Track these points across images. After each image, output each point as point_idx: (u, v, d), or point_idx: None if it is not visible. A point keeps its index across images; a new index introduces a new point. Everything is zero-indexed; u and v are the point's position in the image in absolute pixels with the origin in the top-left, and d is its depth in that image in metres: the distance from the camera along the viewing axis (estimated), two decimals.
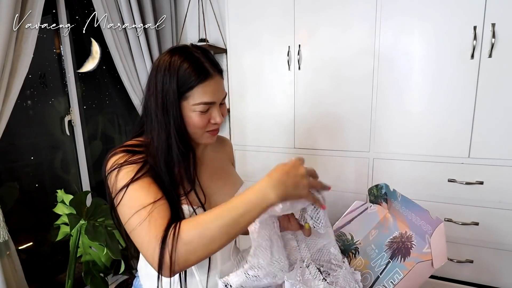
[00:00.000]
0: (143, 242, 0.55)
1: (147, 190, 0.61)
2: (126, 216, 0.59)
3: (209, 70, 0.65)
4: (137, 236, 0.57)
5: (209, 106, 0.67)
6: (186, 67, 0.64)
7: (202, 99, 0.65)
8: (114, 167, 0.62)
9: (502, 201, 1.15)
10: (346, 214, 0.86)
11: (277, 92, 1.53)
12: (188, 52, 0.66)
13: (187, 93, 0.64)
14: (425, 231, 0.63)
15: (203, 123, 0.67)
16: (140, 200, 0.59)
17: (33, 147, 1.60)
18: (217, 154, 0.85)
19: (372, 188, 0.85)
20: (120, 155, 0.64)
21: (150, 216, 0.56)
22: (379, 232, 0.76)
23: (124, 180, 0.61)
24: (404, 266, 0.63)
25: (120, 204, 0.60)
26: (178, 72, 0.63)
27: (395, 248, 0.69)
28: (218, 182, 0.79)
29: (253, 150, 1.62)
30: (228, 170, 0.87)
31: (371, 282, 0.67)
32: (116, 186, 0.61)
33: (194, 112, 0.66)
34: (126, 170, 0.62)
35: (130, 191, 0.60)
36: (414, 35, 1.22)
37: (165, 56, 0.66)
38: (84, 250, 1.27)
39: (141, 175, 0.62)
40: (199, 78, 0.64)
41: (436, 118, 1.22)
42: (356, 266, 0.73)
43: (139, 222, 0.56)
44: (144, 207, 0.57)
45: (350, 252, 0.78)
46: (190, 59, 0.65)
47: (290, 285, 0.59)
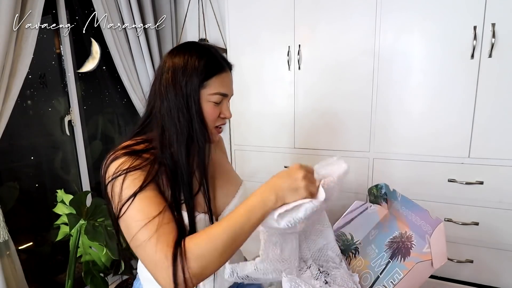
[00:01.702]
0: (151, 261, 0.54)
1: (154, 201, 0.58)
2: (132, 230, 0.56)
3: (225, 64, 0.70)
4: (144, 253, 0.55)
5: (222, 98, 0.68)
6: (208, 56, 0.67)
7: (219, 89, 0.67)
8: (118, 174, 0.58)
9: (502, 201, 1.15)
10: (346, 214, 0.86)
11: (277, 92, 1.53)
12: (204, 45, 0.71)
13: (207, 81, 0.65)
14: (425, 231, 0.63)
15: (215, 116, 0.68)
16: (148, 212, 0.56)
17: (33, 147, 1.60)
18: (215, 154, 0.85)
19: (372, 188, 0.85)
20: (123, 159, 0.60)
21: (158, 233, 0.54)
22: (379, 232, 0.76)
23: (131, 189, 0.57)
24: (404, 266, 0.63)
25: (126, 215, 0.57)
26: (199, 60, 0.65)
27: (395, 248, 0.68)
28: (218, 182, 0.79)
29: (253, 150, 1.62)
30: (227, 168, 0.87)
31: (371, 282, 0.66)
32: (122, 196, 0.58)
33: (209, 102, 0.67)
34: (132, 177, 0.59)
35: (137, 202, 0.57)
36: (414, 35, 1.22)
37: (182, 48, 0.68)
38: (84, 250, 1.27)
39: (149, 182, 0.59)
40: (219, 68, 0.67)
41: (436, 118, 1.22)
42: (356, 266, 0.73)
43: (145, 238, 0.54)
44: (150, 221, 0.55)
45: (350, 252, 0.78)
46: (209, 50, 0.69)
47: (288, 280, 0.59)
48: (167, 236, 0.55)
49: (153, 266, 0.54)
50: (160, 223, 0.56)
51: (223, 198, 0.77)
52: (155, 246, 0.53)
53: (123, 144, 0.66)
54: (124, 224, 0.59)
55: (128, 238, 0.58)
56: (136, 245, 0.56)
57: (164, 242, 0.54)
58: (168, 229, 0.56)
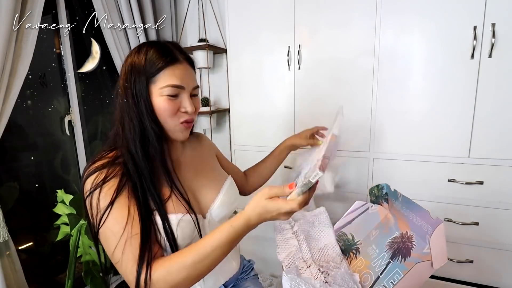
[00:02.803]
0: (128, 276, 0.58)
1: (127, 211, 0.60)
2: (110, 244, 0.59)
3: (177, 56, 0.67)
4: (120, 271, 0.59)
5: (177, 91, 0.67)
6: (154, 51, 0.66)
7: (169, 81, 0.65)
8: (94, 188, 0.60)
9: (502, 201, 1.15)
10: (347, 214, 0.86)
11: (277, 92, 1.53)
12: (156, 41, 0.70)
13: (155, 77, 0.65)
14: (426, 232, 0.63)
15: (172, 110, 0.67)
16: (124, 222, 0.59)
17: (33, 147, 1.60)
18: (196, 153, 0.85)
19: (373, 188, 0.84)
20: (96, 174, 0.62)
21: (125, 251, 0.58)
22: (380, 232, 0.76)
23: (107, 199, 0.60)
24: (404, 267, 0.63)
25: (104, 226, 0.59)
26: (146, 56, 0.65)
27: (395, 248, 0.68)
28: (202, 180, 0.78)
29: (253, 150, 1.62)
30: (212, 165, 0.86)
31: (372, 282, 0.66)
32: (100, 206, 0.60)
33: (162, 96, 0.66)
34: (106, 188, 0.61)
35: (114, 210, 0.59)
36: (414, 35, 1.22)
37: (134, 49, 0.69)
38: (84, 250, 1.27)
39: (122, 187, 0.62)
40: (166, 61, 0.65)
41: (436, 118, 1.22)
42: (357, 266, 0.73)
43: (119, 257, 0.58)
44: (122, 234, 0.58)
45: (351, 252, 0.77)
46: (157, 45, 0.68)
47: (289, 279, 0.59)
48: (133, 252, 0.57)
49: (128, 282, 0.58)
50: (129, 235, 0.58)
51: (208, 195, 0.77)
52: (125, 267, 0.58)
53: (97, 156, 0.66)
54: (103, 237, 0.60)
55: (108, 253, 0.61)
56: (114, 262, 0.59)
57: (130, 260, 0.57)
58: (135, 243, 0.58)
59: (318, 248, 0.73)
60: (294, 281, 0.59)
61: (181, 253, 0.57)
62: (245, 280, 0.91)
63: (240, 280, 0.90)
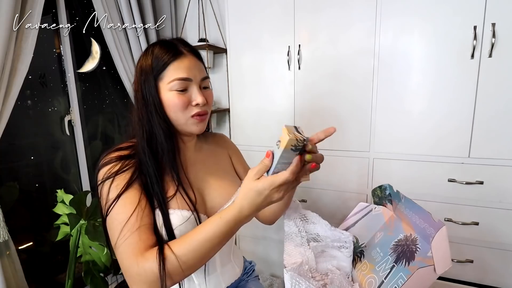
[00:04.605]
0: (124, 264, 0.57)
1: (134, 201, 0.61)
2: (113, 233, 0.60)
3: (182, 49, 0.68)
4: (120, 254, 0.58)
5: (185, 84, 0.67)
6: (158, 49, 0.67)
7: (176, 75, 0.66)
8: (107, 177, 0.63)
9: (502, 201, 1.15)
10: (350, 217, 0.84)
11: (277, 92, 1.53)
12: (161, 40, 0.72)
13: (162, 73, 0.66)
14: (429, 234, 0.61)
15: (182, 104, 0.66)
16: (128, 212, 0.59)
17: (33, 147, 1.60)
18: (212, 153, 0.83)
19: (376, 189, 0.83)
20: (113, 164, 0.64)
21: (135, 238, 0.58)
22: (384, 235, 0.74)
23: (117, 190, 0.61)
24: (408, 271, 0.60)
25: (110, 215, 0.61)
26: (152, 56, 0.67)
27: (400, 251, 0.66)
28: (214, 183, 0.77)
29: (253, 150, 1.62)
30: (225, 168, 0.84)
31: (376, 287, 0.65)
32: (108, 197, 0.61)
33: (171, 91, 0.66)
34: (118, 180, 0.62)
35: (120, 201, 0.60)
36: (414, 35, 1.22)
37: (142, 52, 0.71)
38: (84, 250, 1.27)
39: (133, 181, 0.63)
40: (171, 56, 0.66)
41: (436, 118, 1.22)
42: (361, 270, 0.71)
43: (124, 241, 0.58)
44: (125, 225, 0.58)
45: (356, 255, 0.75)
46: (161, 43, 0.69)
47: (290, 277, 0.59)
48: (145, 242, 0.58)
49: (126, 268, 0.57)
50: (135, 226, 0.59)
51: (217, 199, 0.75)
52: (131, 251, 0.57)
53: (115, 147, 0.68)
54: (108, 224, 0.62)
55: (112, 241, 0.61)
56: (115, 249, 0.60)
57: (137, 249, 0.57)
58: (145, 235, 0.59)
59: (318, 250, 0.73)
60: (294, 279, 0.59)
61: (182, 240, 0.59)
62: (246, 282, 0.90)
63: (242, 282, 0.90)
